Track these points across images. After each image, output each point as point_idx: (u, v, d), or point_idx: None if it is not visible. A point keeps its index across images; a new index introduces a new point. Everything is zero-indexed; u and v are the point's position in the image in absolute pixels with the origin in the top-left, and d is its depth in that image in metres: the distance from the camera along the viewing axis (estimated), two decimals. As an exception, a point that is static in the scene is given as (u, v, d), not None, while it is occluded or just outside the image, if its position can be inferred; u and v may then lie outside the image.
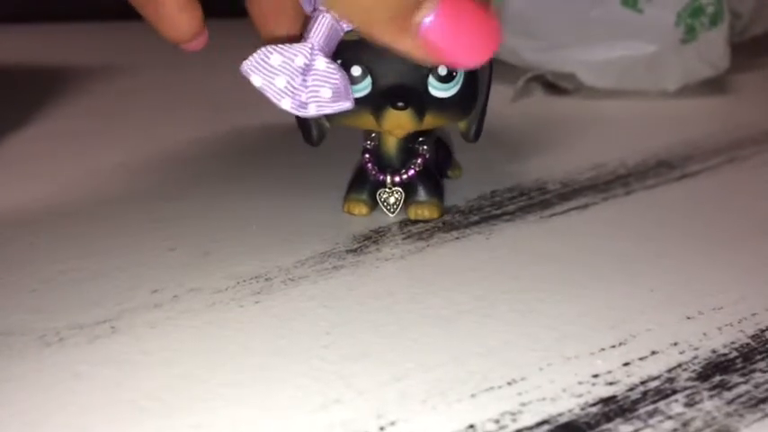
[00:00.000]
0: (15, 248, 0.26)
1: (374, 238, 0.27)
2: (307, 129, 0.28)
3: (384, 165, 0.28)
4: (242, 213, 0.29)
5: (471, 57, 0.23)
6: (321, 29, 0.24)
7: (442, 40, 0.22)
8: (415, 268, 0.25)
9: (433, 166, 0.29)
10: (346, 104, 0.24)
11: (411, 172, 0.28)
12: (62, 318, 0.22)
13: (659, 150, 0.36)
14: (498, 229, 0.28)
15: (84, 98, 0.46)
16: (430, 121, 0.26)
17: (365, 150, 0.28)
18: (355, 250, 0.26)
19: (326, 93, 0.24)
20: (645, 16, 0.43)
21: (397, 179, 0.28)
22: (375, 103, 0.25)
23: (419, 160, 0.28)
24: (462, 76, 0.26)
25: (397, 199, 0.28)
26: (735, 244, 0.27)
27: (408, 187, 0.28)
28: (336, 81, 0.24)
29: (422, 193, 0.28)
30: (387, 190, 0.28)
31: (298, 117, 0.27)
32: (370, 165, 0.28)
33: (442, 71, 0.25)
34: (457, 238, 0.27)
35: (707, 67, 0.44)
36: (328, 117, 0.27)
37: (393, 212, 0.28)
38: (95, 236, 0.27)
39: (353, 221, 0.28)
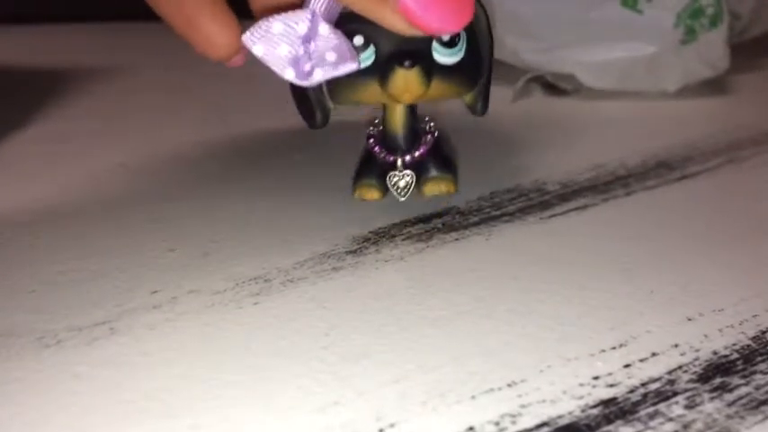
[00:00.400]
0: (15, 249, 0.26)
1: (373, 239, 0.27)
2: (309, 110, 0.27)
3: (391, 147, 0.28)
4: (241, 214, 0.29)
5: (447, 22, 0.23)
6: None
7: (420, 6, 0.23)
8: (414, 269, 0.25)
9: (443, 142, 0.28)
10: (352, 65, 0.24)
11: (422, 149, 0.27)
12: (61, 319, 0.22)
13: (659, 151, 0.36)
14: (498, 230, 0.28)
15: (84, 99, 0.46)
16: (437, 88, 0.26)
17: (369, 136, 0.28)
18: (354, 251, 0.26)
19: (331, 56, 0.23)
20: (644, 17, 0.43)
21: (408, 158, 0.27)
22: (380, 68, 0.25)
23: (428, 137, 0.28)
24: (464, 44, 0.26)
25: (407, 182, 0.28)
26: (735, 245, 0.27)
27: (419, 167, 0.28)
28: (340, 44, 0.23)
29: (434, 170, 0.28)
30: (397, 173, 0.28)
31: (298, 99, 0.26)
32: (377, 148, 0.28)
33: (445, 36, 0.25)
34: (456, 239, 0.27)
35: (706, 67, 0.44)
36: (332, 95, 0.27)
37: (404, 196, 0.28)
38: (95, 237, 0.27)
39: (353, 222, 0.28)
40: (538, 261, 0.26)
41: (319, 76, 0.23)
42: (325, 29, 0.23)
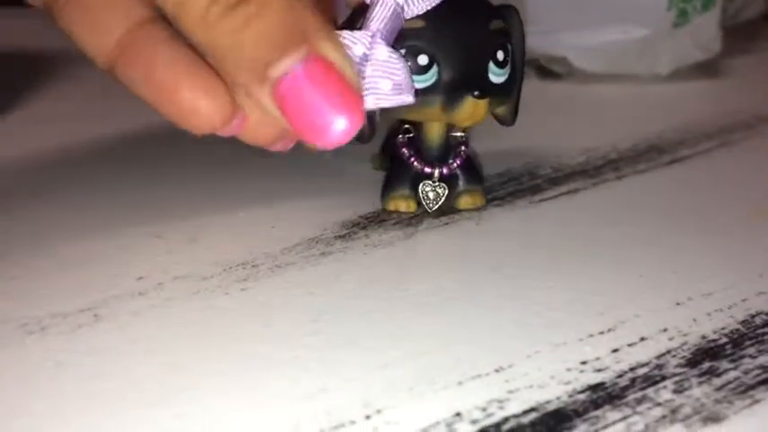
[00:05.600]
0: (-1, 235, 0.26)
1: (363, 224, 0.27)
2: None
3: (426, 158, 0.27)
4: (229, 199, 0.29)
5: (324, 136, 0.20)
6: (383, 15, 0.23)
7: (296, 107, 0.20)
8: (403, 254, 0.25)
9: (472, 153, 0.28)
10: (407, 98, 0.23)
11: (459, 160, 0.27)
12: (45, 306, 0.22)
13: (650, 135, 0.36)
14: (488, 215, 0.28)
15: (71, 82, 0.45)
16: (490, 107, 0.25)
17: (402, 144, 0.27)
18: (343, 236, 0.26)
19: (386, 85, 0.22)
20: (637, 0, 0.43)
21: (445, 171, 0.27)
22: (448, 93, 0.24)
23: (463, 147, 0.27)
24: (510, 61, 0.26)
25: (438, 194, 0.27)
26: (725, 229, 0.27)
27: (450, 178, 0.27)
28: (398, 72, 0.22)
29: (464, 182, 0.27)
30: (430, 183, 0.27)
31: None
32: (413, 159, 0.27)
33: (500, 56, 0.25)
34: (446, 223, 0.27)
35: (699, 50, 0.44)
36: (384, 108, 0.25)
37: (432, 207, 0.27)
38: (79, 222, 0.27)
39: (342, 207, 0.28)
40: (527, 245, 0.25)
41: (371, 104, 0.22)
42: (383, 53, 0.22)
